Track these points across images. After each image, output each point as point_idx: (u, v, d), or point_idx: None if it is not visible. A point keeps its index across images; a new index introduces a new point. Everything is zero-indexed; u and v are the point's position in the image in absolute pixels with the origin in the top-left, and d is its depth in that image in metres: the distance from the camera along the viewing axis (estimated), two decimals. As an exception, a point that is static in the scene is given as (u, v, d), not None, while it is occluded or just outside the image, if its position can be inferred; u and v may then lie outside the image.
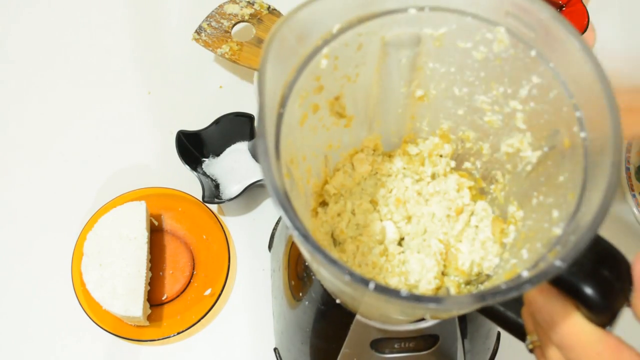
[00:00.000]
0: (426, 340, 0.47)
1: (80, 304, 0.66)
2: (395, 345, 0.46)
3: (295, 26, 0.34)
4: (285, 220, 0.30)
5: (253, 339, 0.68)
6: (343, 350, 0.47)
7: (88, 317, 0.65)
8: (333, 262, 0.29)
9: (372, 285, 0.28)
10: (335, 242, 0.47)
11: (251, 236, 0.73)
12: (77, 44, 0.84)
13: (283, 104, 0.36)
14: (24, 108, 0.80)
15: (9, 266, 0.71)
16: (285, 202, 0.30)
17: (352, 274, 0.29)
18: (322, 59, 0.38)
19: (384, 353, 0.47)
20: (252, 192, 0.73)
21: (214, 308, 0.67)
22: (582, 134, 0.34)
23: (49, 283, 0.70)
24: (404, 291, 0.28)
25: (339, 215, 0.47)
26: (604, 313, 0.32)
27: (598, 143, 0.32)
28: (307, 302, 0.50)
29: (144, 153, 0.77)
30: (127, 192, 0.72)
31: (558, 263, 0.29)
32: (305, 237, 0.29)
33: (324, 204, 0.48)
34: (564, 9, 0.81)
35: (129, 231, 0.66)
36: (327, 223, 0.47)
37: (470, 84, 0.42)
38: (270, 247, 0.68)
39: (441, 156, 0.49)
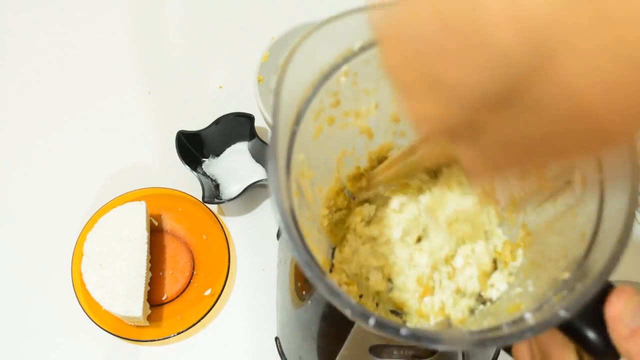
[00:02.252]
0: (426, 347, 0.47)
1: (80, 304, 0.66)
2: (395, 352, 0.46)
3: (315, 43, 0.34)
4: (291, 245, 0.29)
5: (253, 339, 0.68)
6: (342, 351, 0.47)
7: (88, 318, 0.65)
8: (336, 294, 0.29)
9: (372, 322, 0.28)
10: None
11: (251, 236, 0.73)
12: (77, 44, 0.84)
13: (297, 121, 0.35)
14: (24, 108, 0.80)
15: (9, 266, 0.71)
16: (292, 227, 0.29)
17: (352, 308, 0.29)
18: (342, 76, 0.37)
19: (383, 358, 0.47)
20: (252, 192, 0.73)
21: (214, 308, 0.67)
22: (599, 176, 0.33)
23: (49, 283, 0.70)
24: (403, 330, 0.28)
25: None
26: (606, 357, 0.31)
27: (614, 189, 0.32)
28: (310, 302, 0.50)
29: (144, 153, 0.77)
30: (127, 192, 0.72)
31: (562, 313, 0.28)
32: (309, 265, 0.29)
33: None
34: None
35: (129, 231, 0.66)
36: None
37: None
38: (278, 235, 0.68)
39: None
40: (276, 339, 0.62)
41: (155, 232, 0.71)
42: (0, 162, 0.77)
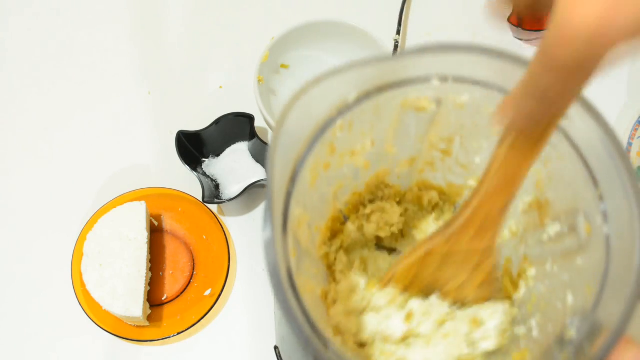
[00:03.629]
0: None
1: (80, 304, 0.66)
2: None
3: (309, 101, 0.33)
4: (291, 323, 0.29)
5: (253, 339, 0.68)
6: None
7: (88, 317, 0.65)
8: None
9: None
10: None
11: (251, 236, 0.73)
12: (76, 44, 0.84)
13: (293, 180, 0.34)
14: (24, 108, 0.80)
15: (9, 266, 0.71)
16: (291, 299, 0.29)
17: None
18: (337, 131, 0.36)
19: None
20: (252, 192, 0.73)
21: (214, 308, 0.67)
22: (605, 229, 0.32)
23: (49, 283, 0.70)
24: None
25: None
26: None
27: (622, 246, 0.31)
28: None
29: (144, 153, 0.77)
30: (127, 192, 0.72)
31: None
32: (309, 341, 0.29)
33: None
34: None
35: (129, 231, 0.66)
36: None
37: (488, 139, 0.40)
38: None
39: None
40: (275, 347, 0.62)
41: (155, 232, 0.71)
42: (0, 162, 0.77)
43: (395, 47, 0.79)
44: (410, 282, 0.41)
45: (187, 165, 0.70)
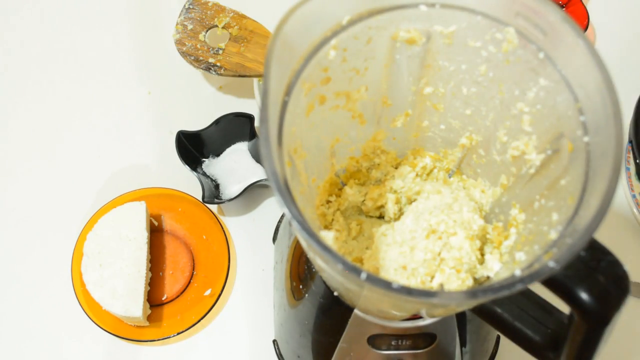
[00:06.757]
0: (423, 338, 0.47)
1: (80, 304, 0.66)
2: (392, 342, 0.46)
3: (305, 15, 0.35)
4: (282, 205, 0.29)
5: (253, 339, 0.68)
6: (340, 344, 0.47)
7: (88, 317, 0.65)
8: (327, 250, 0.29)
9: (364, 275, 0.28)
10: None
11: (251, 236, 0.73)
12: (76, 44, 0.84)
13: (288, 92, 0.36)
14: (24, 108, 0.80)
15: (9, 266, 0.71)
16: (282, 187, 0.30)
17: (344, 263, 0.29)
18: (331, 49, 0.38)
19: (381, 349, 0.47)
20: (252, 192, 0.73)
21: (214, 308, 0.67)
22: (586, 139, 0.34)
23: (49, 283, 0.70)
24: (395, 283, 0.28)
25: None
26: (597, 318, 0.32)
27: (600, 147, 0.32)
28: (307, 295, 0.50)
29: (144, 153, 0.77)
30: (127, 192, 0.72)
31: (551, 264, 0.29)
32: (301, 222, 0.29)
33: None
34: (563, 8, 0.81)
35: (128, 231, 0.66)
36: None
37: (478, 84, 0.42)
38: (274, 239, 0.69)
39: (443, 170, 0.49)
40: (274, 341, 0.63)
41: (155, 232, 0.71)
42: (0, 162, 0.77)
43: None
44: None
45: (187, 165, 0.70)
